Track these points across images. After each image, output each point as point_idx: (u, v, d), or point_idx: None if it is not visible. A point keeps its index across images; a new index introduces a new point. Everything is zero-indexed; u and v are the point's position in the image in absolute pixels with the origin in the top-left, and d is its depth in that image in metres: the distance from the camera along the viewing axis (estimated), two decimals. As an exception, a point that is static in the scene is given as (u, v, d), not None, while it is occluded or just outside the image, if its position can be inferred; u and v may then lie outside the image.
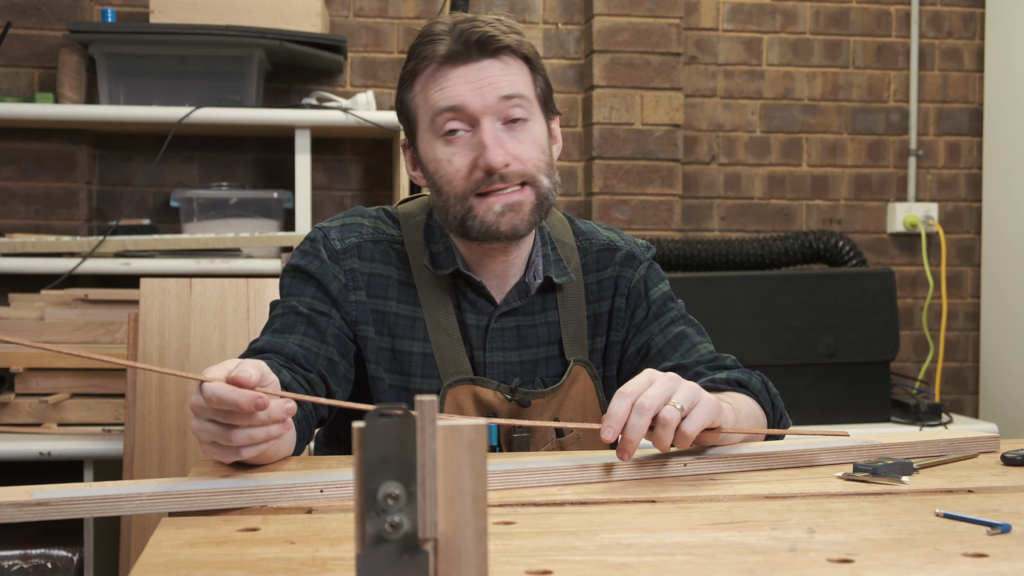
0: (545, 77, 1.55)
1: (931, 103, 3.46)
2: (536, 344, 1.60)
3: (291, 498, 1.13)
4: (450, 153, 1.48)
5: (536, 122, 1.52)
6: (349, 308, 1.54)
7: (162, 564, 0.91)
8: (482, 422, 0.78)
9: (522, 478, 1.22)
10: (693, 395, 1.24)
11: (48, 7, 2.95)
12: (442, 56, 1.47)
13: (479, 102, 1.46)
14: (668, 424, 1.20)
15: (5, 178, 2.94)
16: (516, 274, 1.59)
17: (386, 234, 1.59)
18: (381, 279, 1.56)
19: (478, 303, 1.57)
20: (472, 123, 1.47)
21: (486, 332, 1.57)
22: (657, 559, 0.92)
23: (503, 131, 1.48)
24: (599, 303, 1.65)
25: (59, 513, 1.05)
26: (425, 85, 1.49)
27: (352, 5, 3.16)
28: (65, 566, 2.48)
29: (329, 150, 3.16)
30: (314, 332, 1.50)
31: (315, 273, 1.54)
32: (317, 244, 1.57)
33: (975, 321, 3.49)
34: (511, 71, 1.48)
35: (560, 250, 1.64)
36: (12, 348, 2.56)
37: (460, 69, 1.47)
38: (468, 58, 1.46)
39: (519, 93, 1.48)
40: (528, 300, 1.59)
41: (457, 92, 1.46)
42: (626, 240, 1.70)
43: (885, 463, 1.24)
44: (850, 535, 0.99)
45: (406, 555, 0.77)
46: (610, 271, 1.66)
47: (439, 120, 1.48)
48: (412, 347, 1.55)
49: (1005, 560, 0.92)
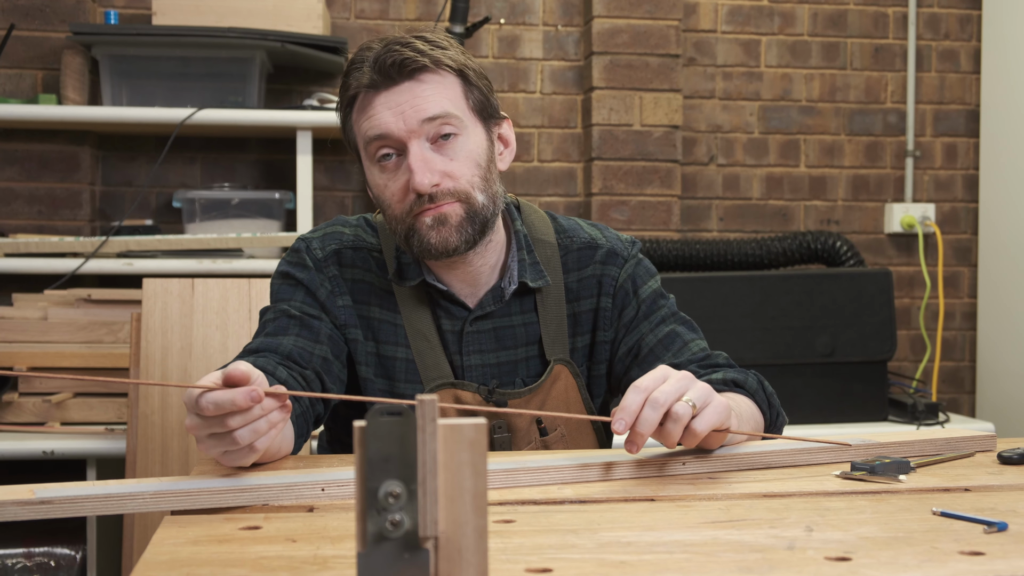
0: (480, 85, 1.53)
1: (928, 104, 3.47)
2: (514, 345, 1.60)
3: (292, 497, 1.14)
4: (385, 179, 1.50)
5: (469, 136, 1.50)
6: (337, 313, 1.56)
7: (164, 562, 0.92)
8: (481, 422, 0.79)
9: (522, 477, 1.22)
10: (706, 395, 1.25)
11: (51, 9, 2.96)
12: (366, 85, 1.47)
13: (402, 127, 1.45)
14: (679, 419, 1.21)
15: (9, 179, 2.95)
16: (489, 280, 1.60)
17: (366, 242, 1.61)
18: (364, 285, 1.58)
19: (451, 309, 1.59)
20: (400, 148, 1.47)
21: (461, 336, 1.58)
22: (656, 557, 0.93)
23: (432, 151, 1.47)
24: (580, 302, 1.64)
25: (62, 511, 1.06)
26: (358, 114, 1.50)
27: (353, 7, 3.17)
28: (68, 564, 2.49)
29: (330, 151, 3.16)
30: (307, 333, 1.52)
31: (303, 280, 1.56)
32: (301, 254, 1.59)
33: (972, 321, 3.50)
34: (434, 90, 1.47)
35: (539, 250, 1.63)
36: (15, 347, 2.58)
37: (382, 96, 1.46)
38: (389, 83, 1.46)
39: (444, 112, 1.47)
40: (504, 304, 1.59)
41: (382, 120, 1.46)
42: (608, 237, 1.68)
43: (882, 462, 1.25)
44: (848, 533, 1.00)
45: (407, 553, 0.78)
46: (591, 270, 1.65)
47: (371, 148, 1.49)
48: (396, 352, 1.57)
49: (1002, 558, 0.92)
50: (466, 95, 1.51)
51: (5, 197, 2.95)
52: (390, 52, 1.45)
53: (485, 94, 1.53)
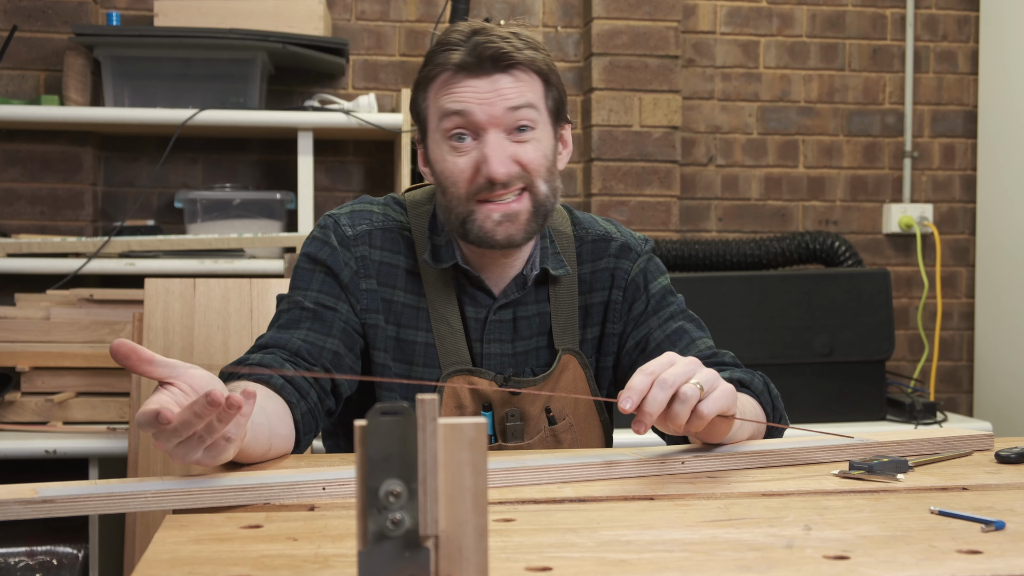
0: (559, 88, 1.60)
1: (926, 105, 3.48)
2: (529, 335, 1.63)
3: (294, 496, 1.14)
4: (455, 156, 1.52)
5: (542, 130, 1.55)
6: (360, 296, 1.57)
7: (166, 561, 0.92)
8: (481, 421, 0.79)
9: (522, 476, 1.22)
10: (713, 379, 1.25)
11: (54, 10, 2.97)
12: (455, 65, 1.50)
13: (486, 113, 1.50)
14: (687, 400, 1.21)
15: (11, 179, 2.96)
16: (515, 269, 1.62)
17: (395, 220, 1.63)
18: (390, 268, 1.60)
19: (477, 296, 1.61)
20: (477, 132, 1.51)
21: (484, 324, 1.61)
22: (655, 556, 0.93)
23: (506, 139, 1.51)
24: (592, 294, 1.67)
25: (65, 510, 1.06)
26: (437, 90, 1.53)
27: (354, 8, 3.18)
28: (71, 563, 2.49)
29: (331, 152, 3.17)
30: (320, 326, 1.53)
31: (326, 260, 1.57)
32: (327, 231, 1.60)
33: (969, 321, 3.51)
34: (521, 85, 1.53)
35: (557, 240, 1.66)
36: (18, 346, 2.59)
37: (471, 80, 1.51)
38: (480, 71, 1.50)
39: (527, 103, 1.52)
40: (525, 291, 1.62)
41: (465, 100, 1.50)
42: (623, 232, 1.72)
43: (881, 461, 1.25)
44: (846, 532, 1.00)
45: (407, 552, 0.78)
46: (604, 262, 1.68)
47: (446, 124, 1.52)
48: (416, 336, 1.59)
49: (999, 557, 0.92)
50: (546, 96, 1.57)
51: (8, 197, 2.96)
52: (491, 41, 1.50)
53: (561, 98, 1.60)
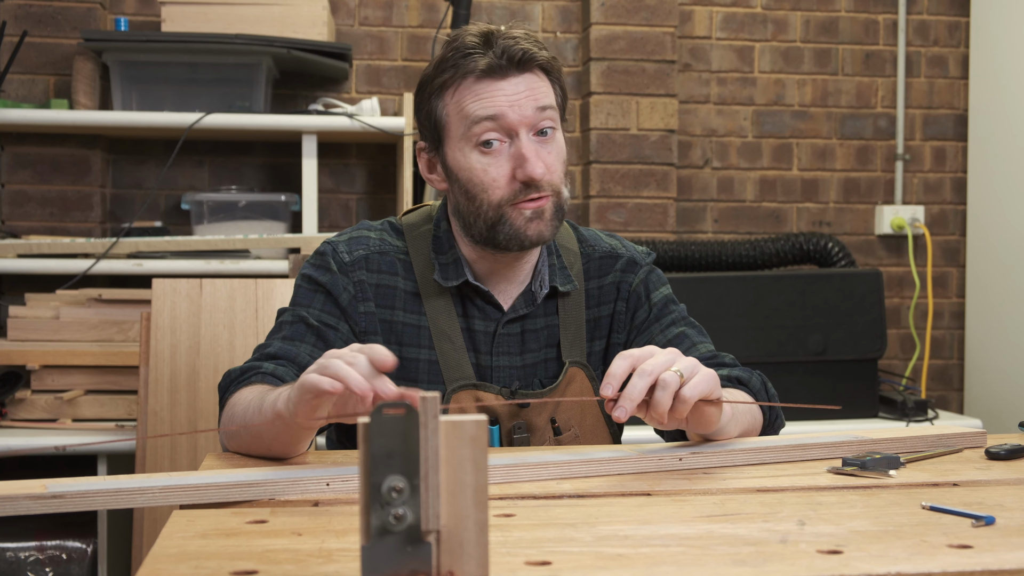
0: (564, 89, 1.61)
1: (917, 109, 3.51)
2: (537, 348, 1.63)
3: (298, 491, 1.15)
4: (486, 163, 1.51)
5: (559, 132, 1.57)
6: (358, 319, 1.58)
7: (173, 555, 0.92)
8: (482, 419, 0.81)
9: (522, 472, 1.23)
10: (693, 366, 1.26)
11: (63, 16, 2.99)
12: (482, 70, 1.49)
13: (518, 114, 1.50)
14: (668, 386, 1.22)
15: (22, 182, 2.97)
16: (523, 281, 1.63)
17: (392, 245, 1.63)
18: (388, 289, 1.60)
19: (486, 310, 1.61)
20: (509, 134, 1.51)
21: (494, 337, 1.61)
22: (652, 550, 0.93)
23: (536, 142, 1.52)
24: (599, 307, 1.68)
25: (74, 505, 1.06)
26: (461, 96, 1.52)
27: (357, 14, 3.21)
28: (80, 557, 2.51)
29: (335, 155, 3.19)
30: (322, 344, 1.53)
31: (325, 284, 1.57)
32: (326, 257, 1.60)
33: (960, 320, 3.53)
34: (544, 85, 1.54)
35: (564, 256, 1.67)
36: (28, 345, 2.61)
37: (500, 83, 1.50)
38: (508, 73, 1.50)
39: (550, 104, 1.53)
40: (535, 307, 1.63)
41: (496, 104, 1.50)
42: (627, 247, 1.73)
43: (873, 457, 1.26)
44: (839, 527, 1.01)
45: (409, 546, 0.79)
46: (611, 277, 1.69)
47: (476, 130, 1.50)
48: (418, 354, 1.59)
49: (989, 551, 0.93)
50: (556, 95, 1.58)
51: (18, 199, 2.98)
52: (515, 43, 1.50)
53: (566, 97, 1.61)
